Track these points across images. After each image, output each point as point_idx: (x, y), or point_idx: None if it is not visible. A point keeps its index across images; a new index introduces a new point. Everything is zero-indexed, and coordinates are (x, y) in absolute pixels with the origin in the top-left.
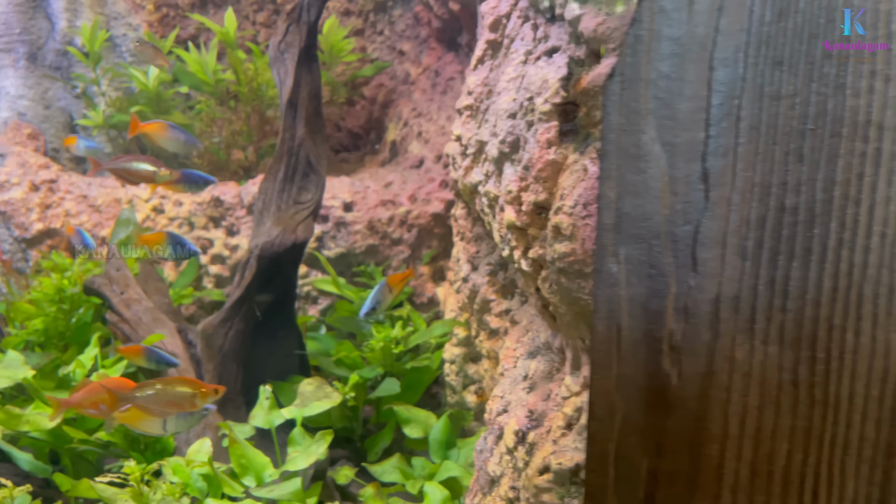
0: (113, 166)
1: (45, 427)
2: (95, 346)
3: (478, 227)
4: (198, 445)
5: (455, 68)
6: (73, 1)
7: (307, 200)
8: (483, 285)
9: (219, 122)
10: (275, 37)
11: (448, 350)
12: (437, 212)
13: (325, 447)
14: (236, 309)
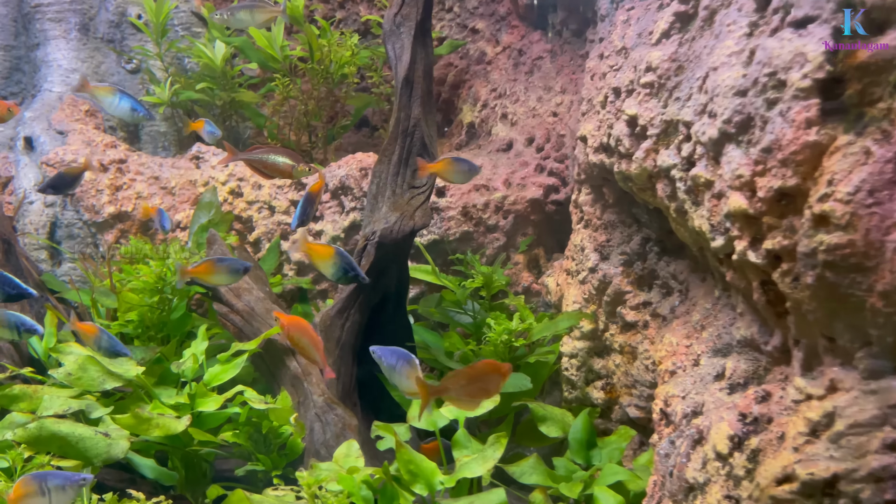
0: (249, 157)
1: (176, 431)
2: (205, 339)
3: (609, 213)
4: (345, 448)
5: (543, 47)
6: None
7: (422, 184)
8: (616, 276)
9: (291, 101)
10: (390, 9)
11: (567, 343)
12: (535, 197)
13: (501, 451)
14: (352, 299)
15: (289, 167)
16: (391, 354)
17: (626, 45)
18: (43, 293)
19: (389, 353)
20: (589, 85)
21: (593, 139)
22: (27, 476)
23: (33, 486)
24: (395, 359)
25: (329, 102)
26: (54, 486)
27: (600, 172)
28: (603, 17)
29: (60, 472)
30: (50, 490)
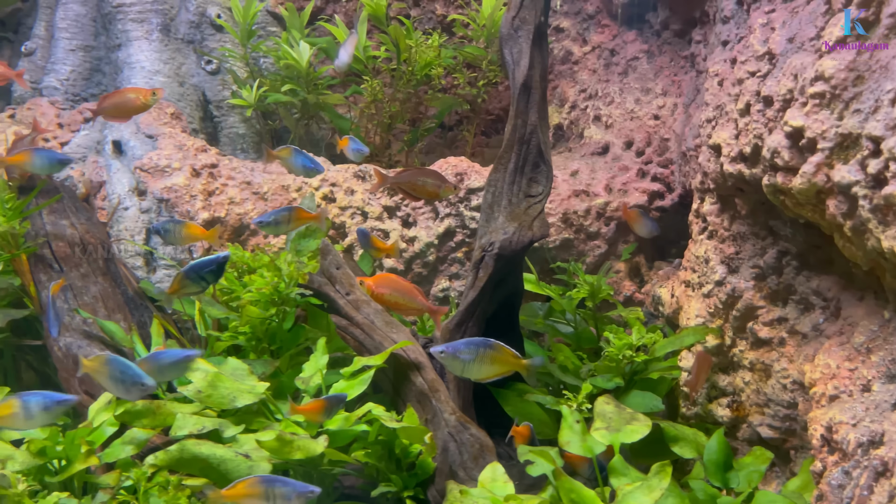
0: (398, 180)
1: (315, 452)
2: (325, 353)
3: (739, 224)
4: (490, 472)
5: (638, 48)
6: None
7: (538, 193)
8: (747, 290)
9: (378, 103)
10: (507, 11)
11: (688, 358)
12: (639, 204)
13: (667, 481)
14: (471, 311)
15: (437, 188)
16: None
17: (774, 51)
18: (143, 301)
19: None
20: (716, 90)
21: (729, 148)
22: (255, 477)
23: (260, 489)
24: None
25: (412, 104)
26: (281, 494)
27: (736, 183)
28: (727, 18)
29: (290, 481)
30: (276, 496)
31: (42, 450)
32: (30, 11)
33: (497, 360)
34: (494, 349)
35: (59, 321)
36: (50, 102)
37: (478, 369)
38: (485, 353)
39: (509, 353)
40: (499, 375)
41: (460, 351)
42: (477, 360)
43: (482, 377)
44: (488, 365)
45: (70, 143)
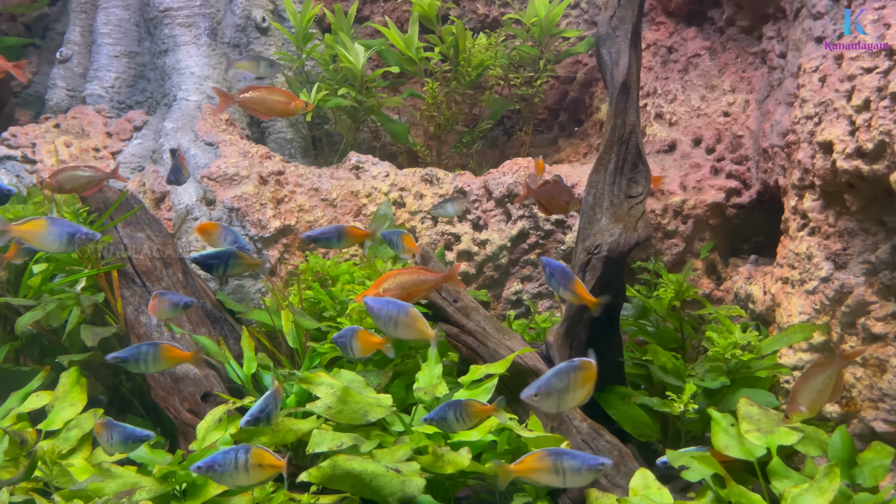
0: (539, 194)
1: (463, 465)
2: (438, 362)
3: (846, 220)
4: (640, 479)
5: (700, 44)
6: None
7: (638, 194)
8: (858, 286)
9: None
10: (605, 11)
11: (789, 355)
12: (717, 201)
13: (837, 482)
14: (579, 316)
15: (567, 203)
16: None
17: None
18: (222, 314)
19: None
20: (816, 87)
21: (844, 144)
22: (543, 451)
23: (548, 462)
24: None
25: (467, 105)
26: (570, 467)
27: (849, 179)
28: (820, 14)
29: (578, 453)
30: (565, 470)
31: (166, 475)
32: (58, 16)
33: (588, 378)
34: (584, 369)
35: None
36: (96, 111)
37: (572, 397)
38: (576, 377)
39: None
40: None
41: (552, 385)
42: (570, 387)
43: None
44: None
45: (123, 153)
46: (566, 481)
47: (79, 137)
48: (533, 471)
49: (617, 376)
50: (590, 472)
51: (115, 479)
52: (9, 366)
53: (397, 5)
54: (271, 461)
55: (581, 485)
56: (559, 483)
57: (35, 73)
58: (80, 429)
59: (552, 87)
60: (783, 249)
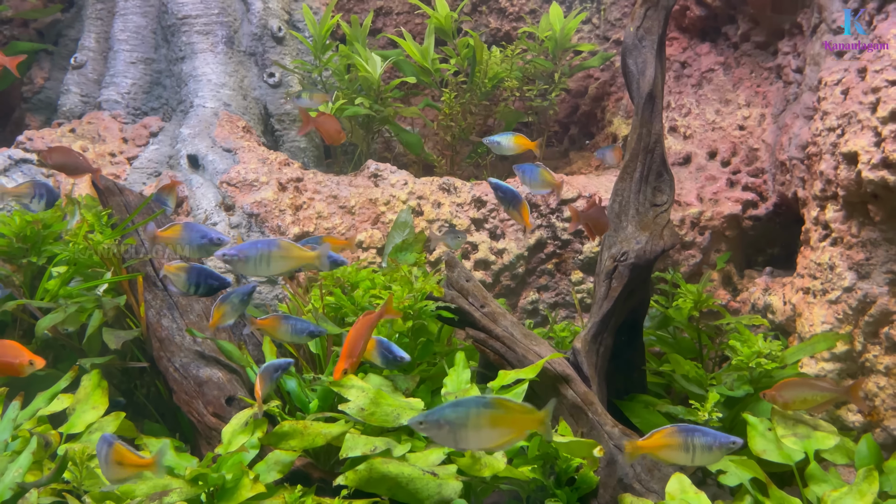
0: (587, 216)
1: (500, 469)
2: (466, 367)
3: (869, 231)
4: (677, 483)
5: (713, 60)
6: None
7: (663, 202)
8: (881, 295)
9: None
10: (631, 22)
11: (811, 365)
12: (733, 213)
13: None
14: (605, 323)
15: (606, 226)
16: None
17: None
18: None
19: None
20: (838, 100)
21: (869, 155)
22: (673, 427)
23: (678, 439)
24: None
25: (482, 116)
26: (700, 445)
27: (875, 189)
28: (840, 28)
29: (709, 431)
30: (695, 447)
31: (196, 477)
32: (71, 23)
33: (500, 421)
34: (495, 408)
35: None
36: (112, 116)
37: (475, 437)
38: (480, 414)
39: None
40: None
41: (445, 416)
42: (471, 424)
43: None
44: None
45: (139, 158)
46: (695, 459)
47: (94, 142)
48: (662, 447)
49: (640, 384)
50: (721, 449)
51: (147, 481)
52: None
53: (410, 18)
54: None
55: (710, 463)
56: (688, 461)
57: (47, 79)
58: (103, 431)
59: (563, 101)
60: (804, 260)
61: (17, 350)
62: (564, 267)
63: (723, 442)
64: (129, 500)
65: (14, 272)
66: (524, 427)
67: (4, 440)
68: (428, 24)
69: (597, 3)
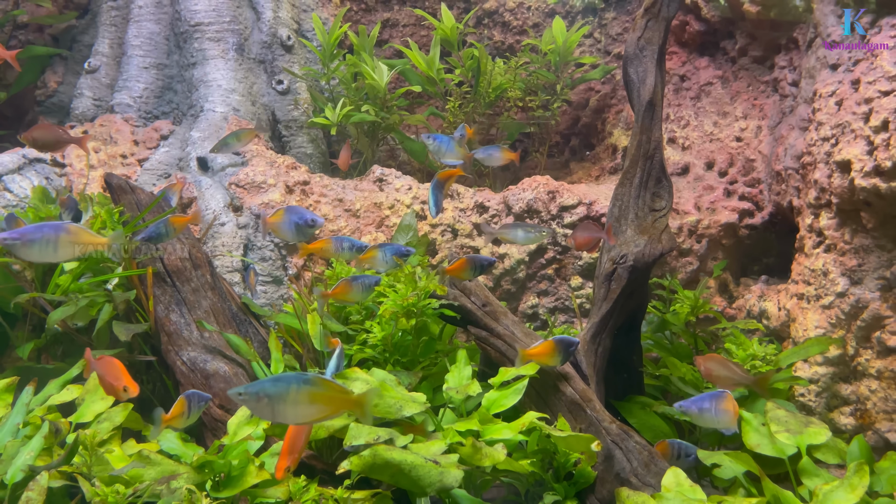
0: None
1: (499, 460)
2: (468, 364)
3: (861, 237)
4: (673, 477)
5: (712, 73)
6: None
7: (662, 208)
8: (873, 300)
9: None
10: (633, 32)
11: (804, 369)
12: (730, 221)
13: (867, 479)
14: (604, 324)
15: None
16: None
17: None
18: (247, 317)
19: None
20: (832, 111)
21: (862, 163)
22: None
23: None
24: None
25: (485, 126)
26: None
27: (867, 197)
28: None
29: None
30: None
31: (203, 464)
32: (86, 28)
33: (317, 398)
34: (314, 385)
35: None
36: (124, 119)
37: (293, 412)
38: (300, 391)
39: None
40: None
41: (265, 389)
42: (290, 399)
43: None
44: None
45: (150, 160)
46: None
47: (106, 144)
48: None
49: (637, 386)
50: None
51: (155, 466)
52: (32, 363)
53: (416, 30)
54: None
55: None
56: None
57: (60, 83)
58: (111, 422)
59: (565, 113)
60: (798, 266)
61: (119, 373)
62: (564, 272)
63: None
64: (138, 483)
65: (26, 268)
66: (341, 406)
67: (17, 424)
68: (434, 36)
69: (598, 19)
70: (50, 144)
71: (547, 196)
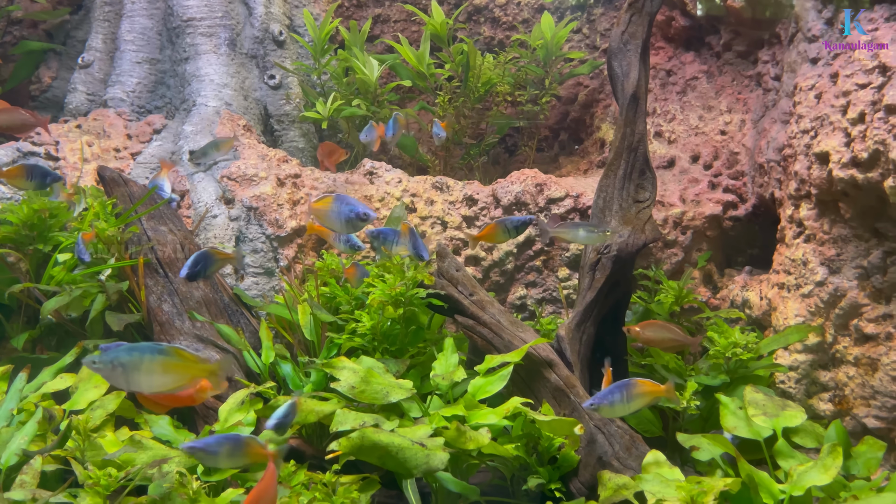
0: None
1: (483, 444)
2: (455, 352)
3: (840, 228)
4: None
5: (697, 68)
6: None
7: (645, 199)
8: (851, 289)
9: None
10: (617, 27)
11: (784, 357)
12: (714, 213)
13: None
14: (589, 312)
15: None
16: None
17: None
18: (239, 307)
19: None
20: (812, 104)
21: (839, 155)
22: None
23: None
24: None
25: (474, 120)
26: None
27: (844, 188)
28: (815, 37)
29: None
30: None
31: None
32: (79, 24)
33: (169, 367)
34: (166, 354)
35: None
36: (117, 114)
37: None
38: (154, 360)
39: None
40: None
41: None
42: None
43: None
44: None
45: (143, 154)
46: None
47: (100, 138)
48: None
49: (622, 374)
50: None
51: (147, 451)
52: (26, 354)
53: (406, 26)
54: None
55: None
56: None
57: (55, 78)
58: (104, 409)
59: (554, 108)
60: (779, 257)
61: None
62: (552, 264)
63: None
64: (130, 466)
65: (21, 259)
66: (195, 375)
67: (10, 409)
68: (424, 31)
69: (587, 14)
70: (16, 126)
71: (535, 189)
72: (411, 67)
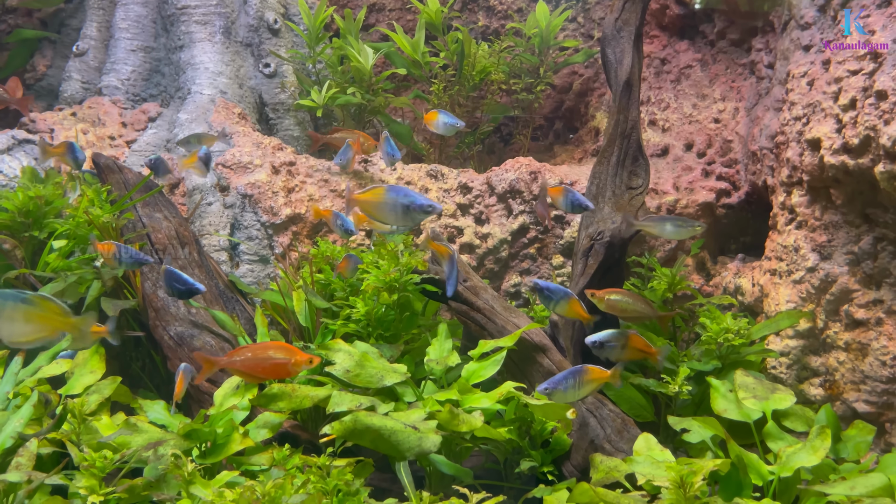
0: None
1: (476, 426)
2: (449, 337)
3: (831, 214)
4: (643, 442)
5: (691, 57)
6: None
7: (638, 186)
8: (842, 275)
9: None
10: (610, 14)
11: (776, 342)
12: (707, 201)
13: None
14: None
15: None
16: None
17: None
18: (233, 294)
19: None
20: (804, 90)
21: (831, 141)
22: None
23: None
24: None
25: (470, 108)
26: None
27: (835, 174)
28: (808, 24)
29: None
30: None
31: (189, 433)
32: (74, 12)
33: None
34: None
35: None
36: (112, 101)
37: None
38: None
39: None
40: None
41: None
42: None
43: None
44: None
45: (138, 142)
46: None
47: (95, 125)
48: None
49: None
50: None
51: (142, 434)
52: None
53: (402, 14)
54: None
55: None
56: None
57: (49, 67)
58: (100, 394)
59: (549, 97)
60: (771, 243)
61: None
62: (546, 251)
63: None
64: (125, 449)
65: (16, 246)
66: (59, 327)
67: (6, 393)
68: (419, 20)
69: (582, 3)
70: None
71: (529, 177)
72: (406, 56)
